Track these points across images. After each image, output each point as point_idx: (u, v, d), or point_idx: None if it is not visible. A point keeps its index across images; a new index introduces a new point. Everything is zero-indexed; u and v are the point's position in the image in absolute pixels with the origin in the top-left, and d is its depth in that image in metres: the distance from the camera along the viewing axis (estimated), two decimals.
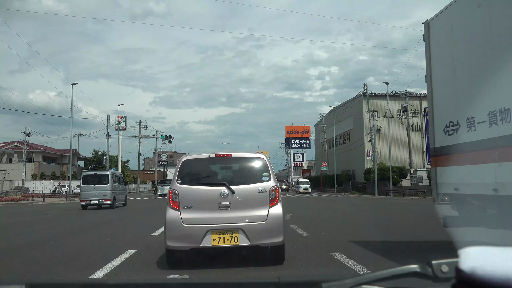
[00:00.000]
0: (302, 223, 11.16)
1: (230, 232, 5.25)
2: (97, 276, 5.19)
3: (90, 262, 6.16)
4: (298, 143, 72.67)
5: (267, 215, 5.37)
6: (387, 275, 0.91)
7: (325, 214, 15.87)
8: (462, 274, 0.82)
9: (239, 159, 5.97)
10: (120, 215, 16.35)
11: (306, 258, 6.21)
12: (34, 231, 10.86)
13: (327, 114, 58.67)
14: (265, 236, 5.32)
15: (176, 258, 5.58)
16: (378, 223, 11.89)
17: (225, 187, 5.39)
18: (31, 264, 6.22)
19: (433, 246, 7.38)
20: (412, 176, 37.56)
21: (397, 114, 41.15)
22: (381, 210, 17.95)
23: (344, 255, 6.20)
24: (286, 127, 74.21)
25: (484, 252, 0.83)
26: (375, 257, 6.26)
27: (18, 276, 5.48)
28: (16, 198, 34.47)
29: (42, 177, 55.99)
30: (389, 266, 0.99)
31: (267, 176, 5.65)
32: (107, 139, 45.03)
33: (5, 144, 57.91)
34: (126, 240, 8.71)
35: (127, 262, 6.05)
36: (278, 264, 5.59)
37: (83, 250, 7.48)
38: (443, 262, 0.88)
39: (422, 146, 40.10)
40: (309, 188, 50.13)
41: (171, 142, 55.78)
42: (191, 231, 5.28)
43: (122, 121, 46.26)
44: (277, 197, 5.53)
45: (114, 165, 48.98)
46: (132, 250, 6.95)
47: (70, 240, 8.94)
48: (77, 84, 46.61)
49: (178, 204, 5.40)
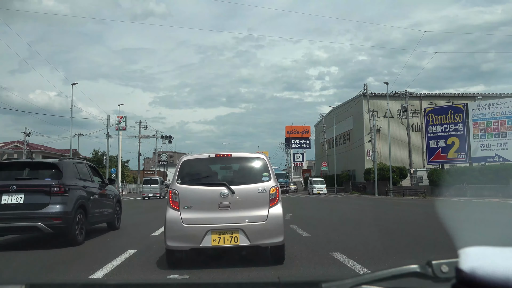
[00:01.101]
0: (302, 223, 11.15)
1: (230, 232, 5.25)
2: (97, 276, 5.19)
3: (90, 262, 6.16)
4: (298, 143, 72.66)
5: (267, 215, 5.37)
6: (387, 275, 0.91)
7: (325, 214, 15.86)
8: (462, 274, 0.82)
9: (239, 159, 5.97)
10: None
11: (306, 258, 6.21)
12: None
13: (327, 114, 58.67)
14: (265, 236, 5.32)
15: (176, 258, 5.58)
16: (378, 223, 11.88)
17: (225, 187, 5.39)
18: (31, 264, 6.22)
19: (433, 246, 7.37)
20: (412, 176, 37.55)
21: (397, 114, 41.14)
22: (381, 210, 17.94)
23: (344, 255, 6.20)
24: (286, 127, 74.25)
25: (484, 252, 0.83)
26: (375, 257, 6.26)
27: (18, 276, 5.48)
28: None
29: None
30: (389, 266, 0.99)
31: (267, 176, 5.65)
32: (107, 139, 45.07)
33: (5, 144, 57.88)
34: (126, 240, 8.70)
35: (127, 262, 6.05)
36: (278, 264, 5.58)
37: (83, 250, 7.47)
38: (443, 262, 0.88)
39: (422, 146, 40.10)
40: (324, 189, 43.09)
41: (171, 142, 55.84)
42: (191, 231, 5.28)
43: (122, 121, 46.24)
44: (277, 197, 5.53)
45: (114, 165, 48.95)
46: (132, 250, 6.95)
47: None
48: (77, 84, 46.75)
49: (178, 204, 5.40)
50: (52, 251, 7.31)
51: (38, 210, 7.51)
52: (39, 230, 7.54)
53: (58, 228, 7.63)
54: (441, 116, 34.43)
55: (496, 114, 32.17)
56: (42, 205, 7.57)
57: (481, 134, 32.65)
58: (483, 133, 32.58)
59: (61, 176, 7.94)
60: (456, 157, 33.57)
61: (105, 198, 9.98)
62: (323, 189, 42.80)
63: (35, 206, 7.54)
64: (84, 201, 8.35)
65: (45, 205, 7.58)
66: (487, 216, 14.06)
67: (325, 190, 42.99)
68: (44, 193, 7.68)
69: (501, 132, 31.83)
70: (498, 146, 31.76)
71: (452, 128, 33.80)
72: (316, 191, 42.42)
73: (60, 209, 7.62)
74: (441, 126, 34.34)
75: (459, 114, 33.53)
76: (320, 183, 43.89)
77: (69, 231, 7.73)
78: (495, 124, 32.15)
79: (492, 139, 32.09)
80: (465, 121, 33.17)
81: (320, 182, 44.46)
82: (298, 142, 72.67)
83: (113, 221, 10.45)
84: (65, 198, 7.76)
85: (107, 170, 43.36)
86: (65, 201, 7.74)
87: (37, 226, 7.45)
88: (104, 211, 9.81)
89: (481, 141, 32.58)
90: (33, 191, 7.70)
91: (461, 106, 33.93)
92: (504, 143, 31.52)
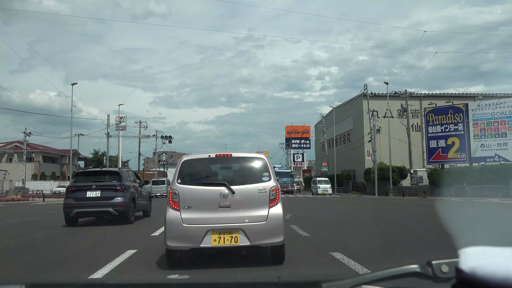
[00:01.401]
0: (302, 223, 11.15)
1: (230, 232, 5.25)
2: (97, 276, 5.19)
3: (90, 262, 6.15)
4: (298, 143, 72.61)
5: (267, 215, 5.37)
6: (387, 275, 0.91)
7: (325, 214, 15.86)
8: (462, 274, 0.82)
9: (239, 159, 5.97)
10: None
11: (306, 258, 6.21)
12: (34, 231, 10.85)
13: (327, 114, 58.66)
14: (265, 236, 5.32)
15: (176, 258, 5.58)
16: (378, 223, 11.88)
17: (225, 187, 5.39)
18: (31, 264, 6.22)
19: (433, 246, 7.37)
20: (412, 176, 37.54)
21: (397, 114, 41.16)
22: (381, 210, 17.94)
23: (344, 255, 6.20)
24: (286, 127, 74.21)
25: (484, 252, 0.83)
26: (375, 257, 6.26)
27: (18, 276, 5.48)
28: (16, 198, 34.46)
29: (42, 177, 56.00)
30: (389, 266, 0.99)
31: (267, 176, 5.65)
32: (107, 139, 45.06)
33: (5, 144, 57.92)
34: (126, 240, 8.70)
35: (127, 262, 6.05)
36: (278, 264, 5.58)
37: (83, 250, 7.48)
38: (443, 262, 0.88)
39: (422, 146, 40.09)
40: (329, 189, 41.19)
41: (171, 142, 55.88)
42: (191, 231, 5.28)
43: (122, 121, 46.23)
44: (277, 197, 5.53)
45: (114, 165, 48.95)
46: (132, 250, 6.95)
47: (70, 240, 8.94)
48: (77, 84, 46.67)
49: (178, 204, 5.40)
50: (52, 251, 7.33)
51: (109, 201, 11.54)
52: (110, 214, 11.60)
53: (121, 212, 11.62)
54: (441, 116, 34.42)
55: (496, 114, 32.16)
56: (111, 198, 11.59)
57: (481, 134, 32.64)
58: (483, 133, 32.57)
59: (121, 179, 11.99)
60: (456, 157, 33.57)
61: (142, 194, 13.87)
62: (328, 189, 40.99)
63: (107, 198, 11.56)
64: (134, 196, 12.36)
65: (113, 198, 11.60)
66: (487, 216, 14.06)
67: (330, 190, 41.32)
68: (112, 190, 11.72)
69: (501, 132, 31.83)
70: (498, 146, 31.76)
71: (452, 128, 33.80)
72: (321, 191, 40.44)
73: (122, 200, 11.66)
74: (441, 126, 34.34)
75: (459, 114, 33.53)
76: (324, 183, 41.95)
77: (127, 215, 11.76)
78: (495, 124, 32.14)
79: (492, 139, 32.08)
80: (465, 121, 33.17)
81: (325, 182, 42.51)
82: (298, 142, 72.62)
83: (147, 211, 14.39)
84: (124, 193, 11.77)
85: None
86: (125, 195, 11.76)
87: (109, 211, 11.51)
88: (143, 203, 13.70)
89: (481, 141, 32.57)
90: (105, 189, 11.72)
91: (461, 106, 33.93)
92: (504, 143, 31.52)
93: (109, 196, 11.57)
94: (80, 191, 11.70)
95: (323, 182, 42.53)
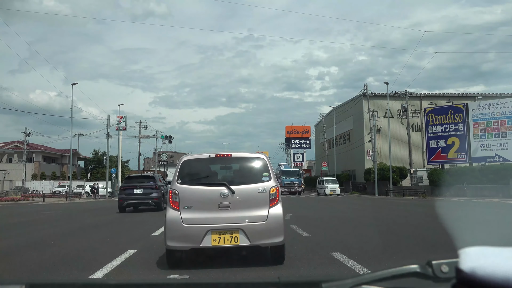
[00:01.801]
0: (302, 223, 11.15)
1: (230, 232, 5.25)
2: (97, 276, 5.19)
3: (90, 262, 6.16)
4: (298, 143, 72.58)
5: (267, 215, 5.36)
6: (387, 275, 0.91)
7: (325, 214, 15.85)
8: (462, 274, 0.82)
9: (239, 159, 5.96)
10: (120, 215, 16.33)
11: (306, 258, 6.21)
12: (34, 231, 10.85)
13: (327, 114, 58.68)
14: (265, 236, 5.32)
15: (176, 258, 5.58)
16: (378, 223, 11.88)
17: (225, 187, 5.39)
18: (31, 264, 6.22)
19: (433, 246, 7.37)
20: (412, 176, 37.54)
21: (397, 114, 41.15)
22: (381, 210, 17.94)
23: (344, 255, 6.20)
24: (286, 127, 74.20)
25: (484, 252, 0.83)
26: (375, 257, 6.25)
27: (18, 276, 5.48)
28: (16, 198, 34.48)
29: (42, 177, 56.00)
30: (389, 266, 0.99)
31: (267, 176, 5.64)
32: (107, 139, 45.03)
33: (5, 144, 57.91)
34: (126, 240, 8.71)
35: (127, 262, 6.05)
36: (278, 264, 5.58)
37: (83, 250, 7.48)
38: (443, 262, 0.88)
39: (422, 146, 40.08)
40: (337, 189, 38.71)
41: (171, 142, 55.79)
42: (191, 231, 5.28)
43: (122, 121, 46.16)
44: (277, 197, 5.53)
45: (114, 165, 48.93)
46: (132, 250, 6.95)
47: (70, 240, 8.94)
48: (77, 84, 46.76)
49: (178, 204, 5.40)
50: (52, 251, 7.34)
51: (148, 195, 17.30)
52: (149, 204, 17.31)
53: (156, 203, 17.26)
54: (441, 116, 34.43)
55: (496, 114, 32.16)
56: (150, 193, 17.32)
57: (481, 134, 32.64)
58: (483, 133, 32.57)
59: (155, 181, 17.99)
60: (456, 157, 33.57)
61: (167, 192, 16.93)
62: (336, 189, 38.64)
63: (146, 194, 17.33)
64: (164, 192, 17.64)
65: (151, 193, 17.34)
66: (487, 216, 14.06)
67: (339, 191, 38.82)
68: (150, 188, 17.47)
69: (501, 132, 31.83)
70: (498, 146, 31.76)
71: (452, 128, 33.80)
72: (329, 191, 38.19)
73: (157, 195, 17.40)
74: (441, 126, 34.34)
75: (459, 114, 33.54)
76: (332, 183, 39.54)
77: (160, 205, 16.92)
78: (495, 124, 32.14)
79: (492, 139, 32.08)
80: (465, 121, 33.17)
81: (332, 181, 40.03)
82: (298, 142, 72.59)
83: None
84: (158, 190, 17.56)
85: (107, 170, 43.40)
86: (158, 192, 17.53)
87: (149, 202, 17.30)
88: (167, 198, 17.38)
89: (481, 141, 32.57)
90: (145, 187, 17.44)
91: (461, 106, 33.93)
92: (504, 143, 31.52)
93: (148, 192, 17.27)
94: (129, 189, 17.44)
95: (330, 182, 40.25)
